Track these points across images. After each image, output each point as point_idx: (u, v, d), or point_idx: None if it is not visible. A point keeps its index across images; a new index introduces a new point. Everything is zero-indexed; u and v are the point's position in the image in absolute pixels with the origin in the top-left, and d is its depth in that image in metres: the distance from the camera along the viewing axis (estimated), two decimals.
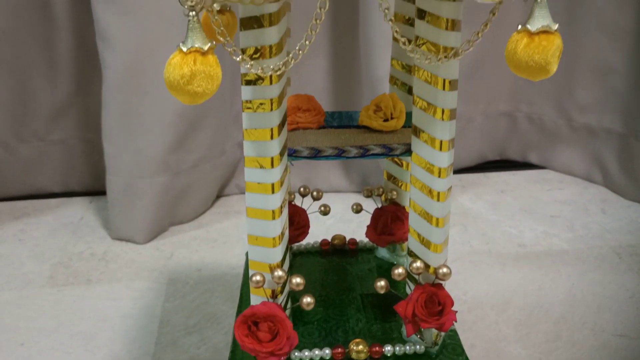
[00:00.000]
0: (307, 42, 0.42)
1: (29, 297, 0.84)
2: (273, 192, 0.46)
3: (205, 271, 0.89)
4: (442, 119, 0.45)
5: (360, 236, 0.67)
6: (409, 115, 0.52)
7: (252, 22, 0.43)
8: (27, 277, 0.88)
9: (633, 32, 1.05)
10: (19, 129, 1.07)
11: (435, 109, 0.46)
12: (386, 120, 0.54)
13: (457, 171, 1.19)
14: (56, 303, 0.82)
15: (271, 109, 0.44)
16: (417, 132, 0.48)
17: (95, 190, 1.11)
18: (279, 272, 0.47)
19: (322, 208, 0.64)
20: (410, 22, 0.56)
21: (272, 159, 0.45)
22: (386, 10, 0.42)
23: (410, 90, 0.58)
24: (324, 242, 0.66)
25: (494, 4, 0.41)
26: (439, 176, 0.47)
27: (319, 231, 0.69)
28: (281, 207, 0.48)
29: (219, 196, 1.11)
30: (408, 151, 0.51)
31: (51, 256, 0.93)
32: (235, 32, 0.48)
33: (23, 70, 1.03)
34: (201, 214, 1.05)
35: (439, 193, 0.47)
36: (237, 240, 0.97)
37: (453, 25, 0.44)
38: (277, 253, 0.48)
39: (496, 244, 0.95)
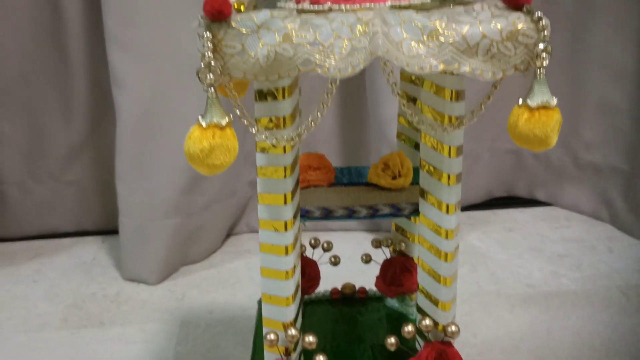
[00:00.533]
0: (319, 115, 0.45)
1: (43, 340, 0.86)
2: (287, 253, 0.48)
3: (216, 313, 0.91)
4: (448, 184, 0.48)
5: (370, 277, 0.68)
6: (416, 171, 0.55)
7: (267, 95, 0.46)
8: (42, 319, 0.91)
9: (636, 71, 1.08)
10: (34, 169, 1.10)
11: (441, 174, 0.48)
12: (394, 178, 0.56)
13: (465, 208, 1.20)
14: (70, 347, 0.84)
15: (284, 176, 0.47)
16: (424, 194, 0.50)
17: (108, 229, 1.14)
18: (292, 331, 0.49)
19: (333, 259, 0.66)
20: (416, 82, 0.58)
21: (285, 223, 0.47)
22: (394, 85, 0.45)
23: (417, 146, 0.60)
24: (334, 291, 0.68)
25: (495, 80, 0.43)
26: (446, 237, 0.49)
27: (329, 271, 0.71)
28: (294, 267, 0.50)
29: (229, 235, 1.13)
30: (416, 211, 0.53)
31: (65, 298, 0.95)
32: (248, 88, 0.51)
33: (39, 112, 1.07)
34: (212, 254, 1.07)
35: (446, 254, 0.49)
36: (248, 281, 0.99)
37: (457, 95, 0.46)
38: (290, 311, 0.50)
39: (505, 285, 0.97)
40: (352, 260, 0.72)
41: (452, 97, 0.46)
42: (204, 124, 0.42)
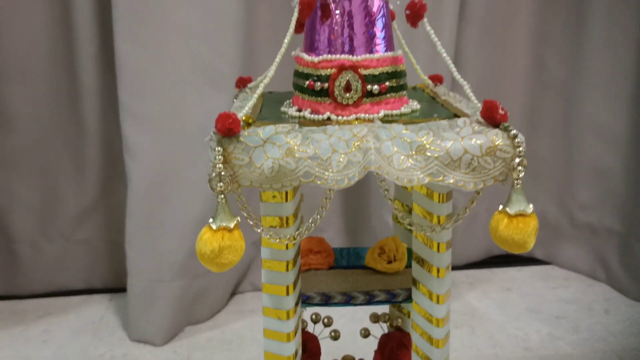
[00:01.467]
0: (318, 217, 0.50)
1: None
2: (288, 340, 0.53)
3: None
4: (438, 277, 0.52)
5: (369, 350, 0.72)
6: (410, 252, 0.59)
7: (271, 196, 0.51)
8: None
9: (627, 136, 1.13)
10: (46, 229, 1.15)
11: (431, 267, 0.53)
12: (390, 262, 0.61)
13: (464, 267, 1.25)
14: None
15: (287, 270, 0.52)
16: (415, 284, 0.55)
17: (116, 287, 1.18)
18: None
19: (333, 333, 0.70)
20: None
21: (287, 312, 0.52)
22: (385, 192, 0.50)
23: (409, 211, 0.65)
24: None
25: (474, 192, 0.48)
26: (437, 325, 0.53)
27: (329, 345, 0.75)
28: (295, 352, 0.54)
29: (233, 293, 1.17)
30: (409, 298, 0.57)
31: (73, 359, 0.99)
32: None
33: (53, 174, 1.13)
34: (217, 313, 1.11)
35: (438, 341, 0.54)
36: (252, 342, 1.03)
37: (445, 197, 0.51)
38: None
39: (503, 348, 1.00)
40: (351, 334, 0.76)
41: (441, 199, 0.51)
42: (214, 227, 0.47)
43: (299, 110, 0.54)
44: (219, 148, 0.47)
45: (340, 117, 0.51)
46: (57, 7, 1.03)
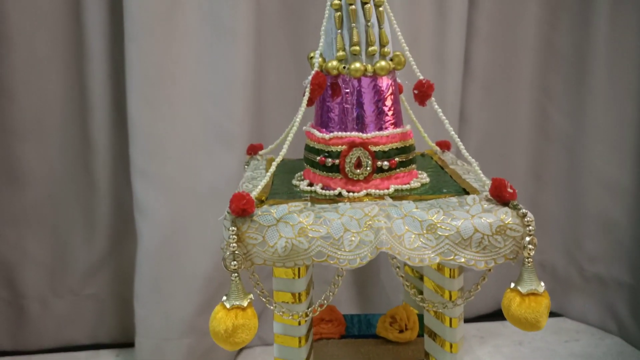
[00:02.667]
0: (330, 294, 0.50)
1: None
2: None
3: None
4: (451, 352, 0.52)
5: None
6: (421, 318, 0.59)
7: (283, 272, 0.52)
8: None
9: (633, 187, 1.14)
10: (55, 284, 1.15)
11: (444, 342, 0.53)
12: (401, 331, 0.61)
13: (475, 319, 1.24)
14: None
15: (299, 346, 0.52)
16: (428, 356, 0.55)
17: (123, 342, 1.17)
18: None
19: None
20: None
21: None
22: (397, 269, 0.51)
23: (422, 293, 0.65)
24: None
25: (485, 270, 0.48)
26: None
27: None
28: None
29: (242, 348, 1.16)
30: None
31: None
32: None
33: (64, 230, 1.14)
34: None
35: None
36: None
37: (456, 272, 0.52)
38: None
39: None
40: None
41: (452, 275, 0.51)
42: (227, 305, 0.47)
43: (311, 184, 0.55)
44: (233, 228, 0.48)
45: (351, 193, 0.53)
46: (73, 69, 1.06)
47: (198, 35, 0.99)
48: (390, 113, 0.54)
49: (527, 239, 0.47)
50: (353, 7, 0.52)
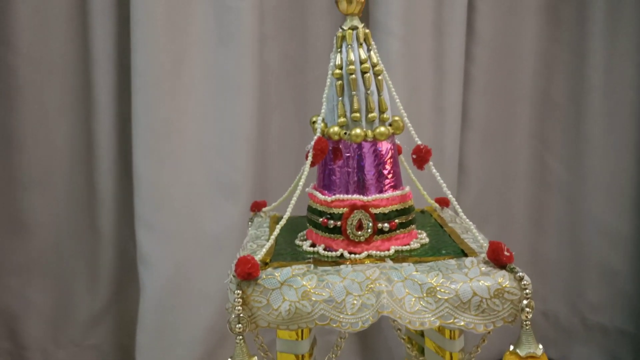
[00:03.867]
0: (333, 356, 0.52)
1: None
2: None
3: None
4: None
5: None
6: None
7: (287, 334, 0.53)
8: None
9: (632, 236, 1.15)
10: (57, 335, 1.15)
11: None
12: None
13: None
14: None
15: None
16: None
17: None
18: None
19: None
20: None
21: None
22: (398, 331, 0.52)
23: (422, 351, 0.66)
24: None
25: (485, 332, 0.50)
26: None
27: None
28: None
29: None
30: None
31: None
32: None
33: (67, 280, 1.14)
34: None
35: None
36: None
37: (457, 334, 0.53)
38: None
39: None
40: None
41: (452, 336, 0.53)
42: None
43: (313, 245, 0.57)
44: (239, 291, 0.49)
45: (352, 255, 0.54)
46: (80, 121, 1.09)
47: (203, 89, 1.02)
48: (389, 176, 0.56)
49: (525, 302, 0.48)
50: (353, 76, 0.55)
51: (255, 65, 1.02)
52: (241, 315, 0.49)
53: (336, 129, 0.56)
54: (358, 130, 0.55)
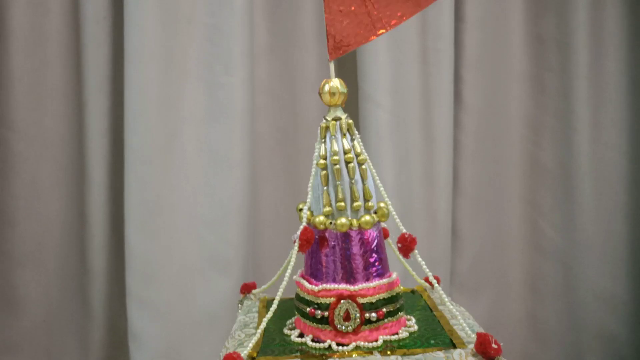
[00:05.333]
0: None
1: None
2: None
3: None
4: None
5: None
6: None
7: None
8: None
9: (627, 300, 1.14)
10: None
11: None
12: None
13: None
14: None
15: None
16: None
17: None
18: None
19: None
20: None
21: None
22: None
23: None
24: None
25: None
26: None
27: None
28: None
29: None
30: None
31: None
32: None
33: (56, 356, 1.13)
34: None
35: None
36: None
37: None
38: None
39: None
40: None
41: None
42: None
43: (301, 335, 0.57)
44: None
45: (340, 347, 0.54)
46: (73, 196, 1.10)
47: (195, 163, 1.04)
48: (376, 264, 0.57)
49: None
50: (337, 166, 0.56)
51: (247, 137, 1.04)
52: None
53: (322, 218, 0.56)
54: (343, 220, 0.56)
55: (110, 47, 1.06)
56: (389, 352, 0.52)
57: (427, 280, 0.70)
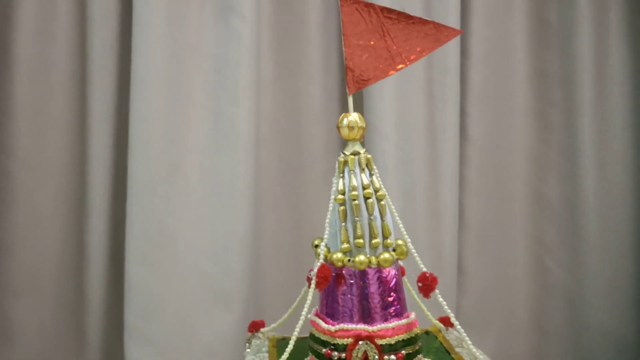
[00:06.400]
0: None
1: None
2: None
3: None
4: None
5: None
6: None
7: None
8: None
9: (636, 342, 1.12)
10: None
11: None
12: None
13: None
14: None
15: None
16: None
17: None
18: None
19: None
20: None
21: None
22: None
23: None
24: None
25: None
26: None
27: None
28: None
29: None
30: None
31: None
32: None
33: None
34: None
35: None
36: None
37: None
38: None
39: None
40: None
41: None
42: None
43: None
44: None
45: None
46: (72, 225, 1.08)
47: (198, 194, 1.02)
48: (395, 303, 0.55)
49: None
50: (356, 202, 0.55)
51: (251, 168, 1.03)
52: None
53: (340, 255, 0.55)
54: (362, 257, 0.54)
55: (116, 76, 1.05)
56: None
57: (442, 320, 0.68)
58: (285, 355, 0.53)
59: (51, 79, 1.07)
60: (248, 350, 0.64)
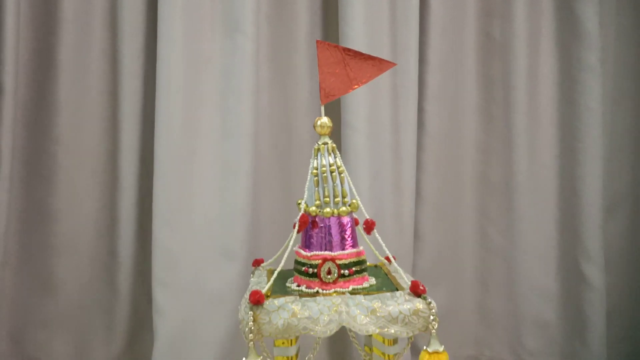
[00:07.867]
0: (311, 355, 0.84)
1: None
2: None
3: None
4: None
5: None
6: None
7: (281, 342, 0.85)
8: None
9: (558, 293, 1.49)
10: None
11: None
12: None
13: None
14: None
15: None
16: None
17: None
18: None
19: None
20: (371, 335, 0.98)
21: None
22: (353, 338, 0.84)
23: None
24: None
25: (408, 338, 0.83)
26: None
27: None
28: None
29: None
30: None
31: None
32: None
33: (85, 334, 1.44)
34: None
35: None
36: None
37: (392, 342, 0.86)
38: None
39: None
40: None
41: (389, 343, 0.85)
42: None
43: (298, 285, 0.90)
44: (251, 312, 0.82)
45: (324, 291, 0.87)
46: (105, 196, 1.43)
47: (210, 173, 1.37)
48: (349, 239, 0.91)
49: (432, 317, 0.82)
50: (325, 175, 0.90)
51: (251, 154, 1.38)
52: (252, 327, 0.81)
53: (314, 208, 0.90)
54: (328, 209, 0.90)
55: (142, 80, 1.40)
56: (356, 294, 0.86)
57: (387, 258, 1.04)
58: (279, 267, 0.88)
59: (88, 81, 1.42)
60: (253, 278, 1.00)
